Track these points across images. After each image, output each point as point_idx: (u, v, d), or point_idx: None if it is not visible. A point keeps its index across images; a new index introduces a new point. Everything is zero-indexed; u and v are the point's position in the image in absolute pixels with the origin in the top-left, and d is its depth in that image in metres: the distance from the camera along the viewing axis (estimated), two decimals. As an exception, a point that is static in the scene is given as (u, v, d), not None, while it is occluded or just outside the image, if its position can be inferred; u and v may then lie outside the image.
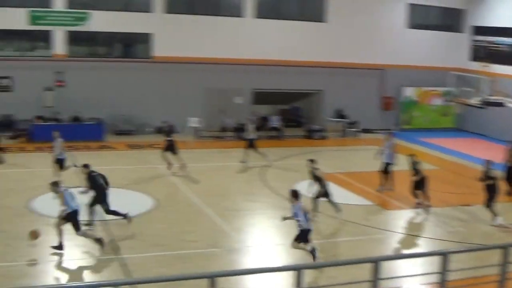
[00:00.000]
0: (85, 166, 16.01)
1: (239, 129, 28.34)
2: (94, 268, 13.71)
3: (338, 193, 18.56)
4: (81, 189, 15.87)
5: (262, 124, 30.99)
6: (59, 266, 13.58)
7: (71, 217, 13.98)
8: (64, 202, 13.94)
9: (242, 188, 20.93)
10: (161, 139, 23.23)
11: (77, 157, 20.46)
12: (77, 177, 17.90)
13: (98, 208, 15.80)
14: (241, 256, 14.75)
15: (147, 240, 15.25)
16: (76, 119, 28.54)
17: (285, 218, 14.15)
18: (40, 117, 27.95)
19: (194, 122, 29.35)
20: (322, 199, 17.30)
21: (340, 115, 33.17)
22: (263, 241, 15.95)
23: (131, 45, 31.50)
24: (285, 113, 33.97)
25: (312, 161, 17.51)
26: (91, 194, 15.72)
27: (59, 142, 20.11)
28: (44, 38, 29.01)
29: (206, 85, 30.77)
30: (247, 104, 31.81)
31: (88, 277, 13.11)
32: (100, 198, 15.74)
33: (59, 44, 28.94)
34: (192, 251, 14.66)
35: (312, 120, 33.62)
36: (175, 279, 10.03)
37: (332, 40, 32.62)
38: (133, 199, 18.91)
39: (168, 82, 30.43)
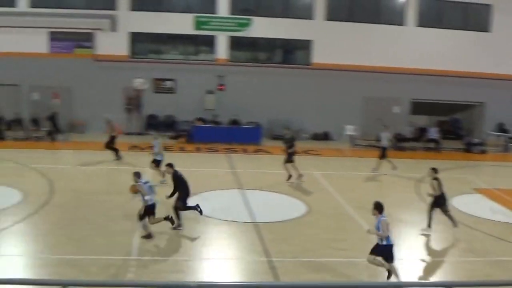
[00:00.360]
0: (169, 165, 16.27)
1: (399, 139, 27.68)
2: (242, 269, 13.82)
3: (495, 209, 17.41)
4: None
5: (420, 135, 30.01)
6: (213, 264, 13.87)
7: (149, 209, 14.68)
8: (144, 192, 14.68)
9: (396, 199, 20.27)
10: (313, 145, 23.07)
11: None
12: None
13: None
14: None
15: (297, 245, 15.16)
16: (234, 122, 29.26)
17: (368, 231, 13.44)
18: (200, 119, 28.96)
19: (350, 130, 29.02)
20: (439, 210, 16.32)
21: (502, 129, 31.33)
22: (416, 254, 15.27)
23: (291, 52, 31.80)
24: (444, 125, 32.69)
25: (434, 170, 16.55)
26: (177, 193, 15.90)
27: (158, 143, 20.71)
28: (207, 43, 30.07)
29: (364, 93, 30.35)
30: (405, 114, 30.96)
31: (234, 277, 13.23)
32: (183, 196, 15.91)
33: (221, 49, 29.87)
34: (340, 260, 14.35)
35: (471, 133, 32.06)
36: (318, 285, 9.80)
37: (496, 50, 30.91)
38: (287, 203, 18.97)
39: (326, 89, 30.36)
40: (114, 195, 18.96)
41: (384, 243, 12.70)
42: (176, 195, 15.94)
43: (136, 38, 29.36)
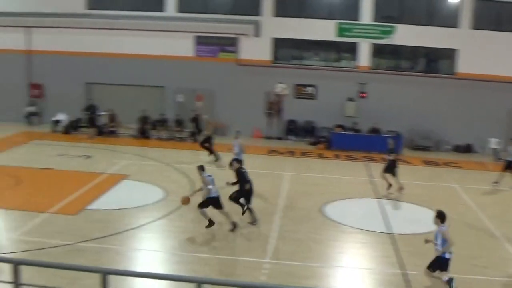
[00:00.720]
0: (236, 161, 17.06)
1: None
2: (375, 279, 13.47)
3: None
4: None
5: None
6: (346, 272, 13.67)
7: (211, 201, 15.56)
8: (207, 185, 15.48)
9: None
10: (454, 158, 22.14)
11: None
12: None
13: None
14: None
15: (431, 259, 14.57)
16: (374, 130, 28.75)
17: (426, 241, 12.55)
18: (339, 126, 28.75)
19: (494, 143, 27.63)
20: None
21: None
22: None
23: (435, 60, 30.75)
24: None
25: None
26: (238, 188, 16.67)
27: (238, 143, 20.99)
28: (349, 49, 29.81)
29: (510, 105, 28.72)
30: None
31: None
32: (245, 193, 16.58)
33: (363, 56, 29.49)
34: (478, 277, 13.62)
35: None
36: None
37: None
38: (424, 216, 18.29)
39: (469, 99, 29.08)
40: (254, 197, 19.17)
41: (443, 255, 12.07)
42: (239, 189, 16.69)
43: (279, 44, 29.69)
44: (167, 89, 30.26)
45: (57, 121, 29.67)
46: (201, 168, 15.93)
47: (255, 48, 29.38)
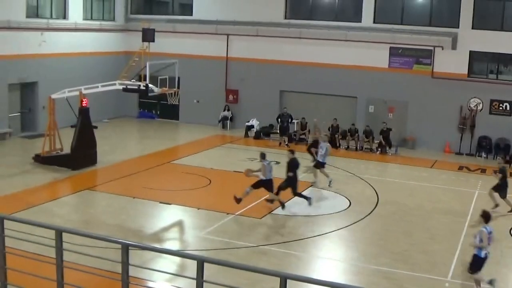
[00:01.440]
0: (291, 151, 19.16)
1: None
2: None
3: None
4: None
5: None
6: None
7: (264, 183, 18.04)
8: (264, 172, 17.89)
9: None
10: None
11: None
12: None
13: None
14: None
15: None
16: None
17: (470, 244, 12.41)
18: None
19: None
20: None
21: None
22: None
23: None
24: None
25: None
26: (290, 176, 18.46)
27: (326, 146, 21.65)
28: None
29: None
30: None
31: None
32: (294, 181, 18.53)
33: None
34: None
35: None
36: None
37: None
38: None
39: None
40: (439, 213, 18.82)
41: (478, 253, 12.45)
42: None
43: (476, 57, 28.49)
44: (359, 100, 30.33)
45: (250, 127, 30.98)
46: (262, 156, 18.34)
47: (451, 61, 28.45)
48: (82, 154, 22.55)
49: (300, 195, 18.94)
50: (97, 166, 23.05)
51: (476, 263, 12.64)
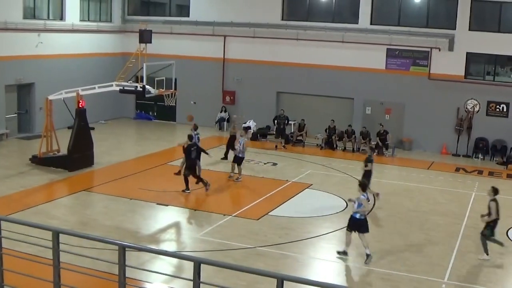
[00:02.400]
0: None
1: None
2: None
3: None
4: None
5: None
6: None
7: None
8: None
9: None
10: None
11: None
12: None
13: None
14: None
15: None
16: None
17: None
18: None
19: None
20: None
21: None
22: None
23: None
24: None
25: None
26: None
27: (243, 141, 22.10)
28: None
29: None
30: None
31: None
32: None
33: None
34: None
35: None
36: None
37: None
38: None
39: None
40: (435, 215, 18.85)
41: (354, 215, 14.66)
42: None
43: (473, 59, 28.53)
44: (356, 101, 30.35)
45: (247, 128, 30.93)
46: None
47: (448, 63, 28.49)
48: (79, 155, 22.53)
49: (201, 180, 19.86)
50: (94, 168, 23.03)
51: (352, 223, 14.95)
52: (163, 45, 31.03)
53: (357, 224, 14.60)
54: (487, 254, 14.93)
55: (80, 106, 22.68)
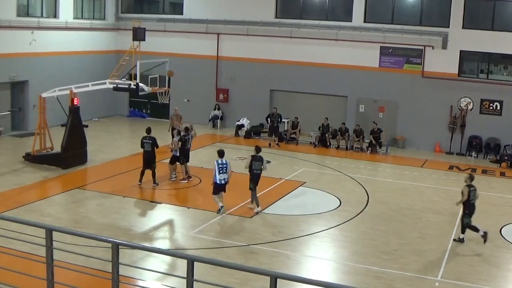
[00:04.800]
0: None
1: None
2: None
3: None
4: None
5: None
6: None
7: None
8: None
9: None
10: None
11: None
12: None
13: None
14: None
15: None
16: None
17: None
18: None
19: None
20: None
21: None
22: None
23: None
24: None
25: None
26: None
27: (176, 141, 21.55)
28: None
29: None
30: None
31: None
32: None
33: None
34: None
35: None
36: None
37: None
38: None
39: None
40: (429, 213, 18.89)
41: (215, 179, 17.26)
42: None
43: (466, 57, 28.59)
44: (349, 99, 30.38)
45: (240, 126, 31.00)
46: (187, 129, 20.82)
47: (442, 61, 28.53)
48: (72, 153, 22.49)
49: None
50: (88, 165, 23.00)
51: (215, 187, 17.40)
52: (156, 43, 30.99)
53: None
54: (463, 233, 15.97)
55: (73, 103, 22.63)
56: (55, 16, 30.10)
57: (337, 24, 30.04)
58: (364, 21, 29.75)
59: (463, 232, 16.05)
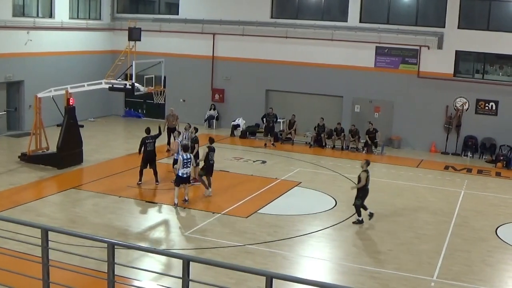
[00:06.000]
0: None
1: None
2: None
3: None
4: None
5: None
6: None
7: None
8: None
9: None
10: None
11: None
12: None
13: None
14: None
15: None
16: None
17: None
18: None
19: None
20: None
21: None
22: None
23: None
24: None
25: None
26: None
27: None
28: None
29: None
30: None
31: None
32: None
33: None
34: None
35: None
36: None
37: None
38: None
39: None
40: (424, 213, 18.91)
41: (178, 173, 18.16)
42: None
43: (462, 57, 28.65)
44: (345, 99, 30.40)
45: (236, 126, 31.00)
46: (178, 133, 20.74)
47: (437, 61, 28.58)
48: (68, 153, 22.46)
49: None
50: (83, 165, 22.97)
51: (177, 179, 18.33)
52: (152, 43, 30.99)
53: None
54: (359, 216, 17.37)
55: (69, 103, 22.61)
56: (50, 16, 30.05)
57: (332, 24, 30.07)
58: (360, 21, 29.78)
59: (359, 215, 17.32)
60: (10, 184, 19.85)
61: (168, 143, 25.59)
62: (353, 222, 17.27)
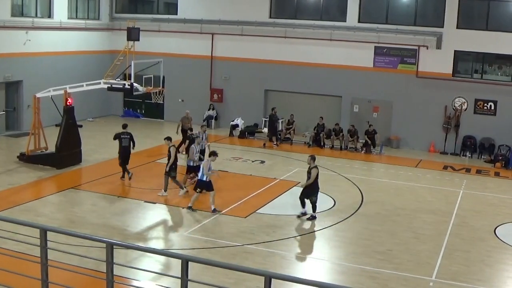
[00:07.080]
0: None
1: None
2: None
3: None
4: None
5: None
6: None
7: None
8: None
9: None
10: None
11: None
12: None
13: None
14: None
15: None
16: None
17: None
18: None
19: None
20: None
21: None
22: None
23: None
24: None
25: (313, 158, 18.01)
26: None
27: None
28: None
29: None
30: None
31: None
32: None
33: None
34: None
35: None
36: None
37: None
38: None
39: None
40: (423, 213, 18.90)
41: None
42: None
43: (460, 57, 28.65)
44: (344, 99, 30.40)
45: (235, 126, 30.98)
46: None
47: (436, 61, 28.58)
48: (67, 153, 22.45)
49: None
50: (82, 165, 22.96)
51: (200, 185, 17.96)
52: (151, 43, 30.98)
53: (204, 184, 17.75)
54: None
55: (68, 103, 22.59)
56: (49, 16, 30.03)
57: (331, 24, 30.07)
58: (359, 21, 29.78)
59: (314, 210, 17.47)
60: (9, 184, 19.84)
61: (184, 143, 25.14)
62: (308, 219, 17.45)
